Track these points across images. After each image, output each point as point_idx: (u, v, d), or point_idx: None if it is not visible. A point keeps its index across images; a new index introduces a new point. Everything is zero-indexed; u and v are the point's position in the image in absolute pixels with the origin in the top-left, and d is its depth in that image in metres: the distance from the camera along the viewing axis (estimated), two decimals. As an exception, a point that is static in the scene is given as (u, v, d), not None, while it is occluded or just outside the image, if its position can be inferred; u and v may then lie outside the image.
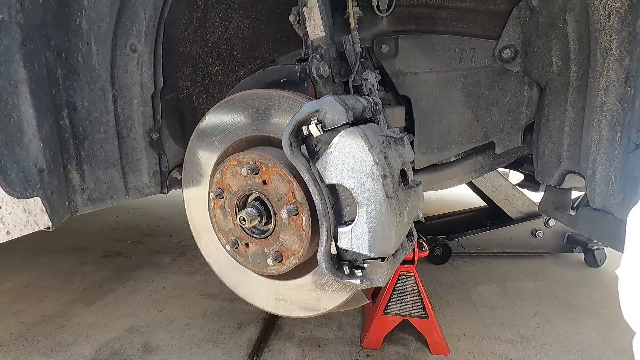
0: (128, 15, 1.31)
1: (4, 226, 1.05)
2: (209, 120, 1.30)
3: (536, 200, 2.61)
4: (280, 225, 1.13)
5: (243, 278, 1.37)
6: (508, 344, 2.16)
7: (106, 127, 1.35)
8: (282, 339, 2.20)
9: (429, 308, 2.05)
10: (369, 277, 1.05)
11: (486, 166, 1.82)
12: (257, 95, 1.20)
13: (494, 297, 2.69)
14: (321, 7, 1.28)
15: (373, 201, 0.97)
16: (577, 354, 2.09)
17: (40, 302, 2.59)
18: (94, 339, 2.19)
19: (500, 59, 1.53)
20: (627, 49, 1.11)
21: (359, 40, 1.34)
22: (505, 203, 3.27)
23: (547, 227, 3.18)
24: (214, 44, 1.66)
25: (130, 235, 3.88)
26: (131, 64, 1.37)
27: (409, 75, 1.64)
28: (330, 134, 1.01)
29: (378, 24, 1.58)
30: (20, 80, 1.05)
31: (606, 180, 1.21)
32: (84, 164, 1.31)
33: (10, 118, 1.04)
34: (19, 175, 1.07)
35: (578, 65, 1.32)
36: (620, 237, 1.16)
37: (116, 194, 1.43)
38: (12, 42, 1.02)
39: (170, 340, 2.19)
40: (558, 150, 1.45)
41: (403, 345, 2.14)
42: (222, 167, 1.19)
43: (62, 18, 1.16)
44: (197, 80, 1.68)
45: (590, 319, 2.43)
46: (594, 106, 1.23)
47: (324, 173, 1.02)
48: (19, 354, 2.07)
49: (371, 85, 1.36)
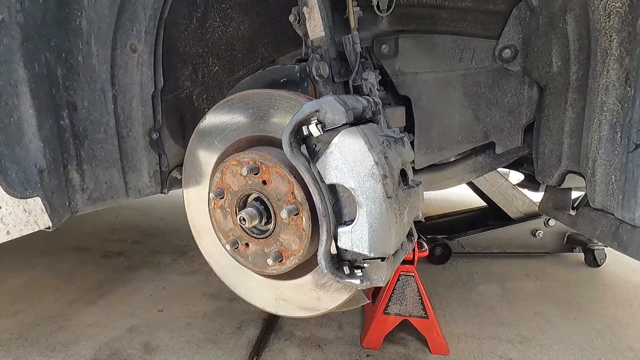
0: (128, 15, 1.31)
1: (4, 226, 1.05)
2: (209, 120, 1.30)
3: (536, 200, 2.61)
4: (280, 225, 1.13)
5: (243, 278, 1.37)
6: (508, 344, 2.16)
7: (106, 127, 1.35)
8: (282, 339, 2.20)
9: (429, 308, 2.05)
10: (369, 277, 1.05)
11: (486, 166, 1.82)
12: (257, 95, 1.19)
13: (494, 297, 2.69)
14: (321, 7, 1.28)
15: (373, 201, 0.97)
16: (577, 354, 2.09)
17: (40, 302, 2.59)
18: (94, 339, 2.19)
19: (500, 59, 1.53)
20: (627, 49, 1.11)
21: (359, 40, 1.34)
22: (505, 203, 3.28)
23: (547, 227, 3.18)
24: (214, 44, 1.66)
25: (130, 235, 3.88)
26: (131, 63, 1.37)
27: (409, 75, 1.64)
28: (330, 134, 1.01)
29: (378, 24, 1.58)
30: (20, 80, 1.05)
31: (606, 180, 1.21)
32: (84, 163, 1.31)
33: (10, 118, 1.04)
34: (19, 175, 1.07)
35: (578, 65, 1.32)
36: (620, 237, 1.16)
37: (116, 194, 1.43)
38: (12, 42, 1.02)
39: (170, 340, 2.19)
40: (558, 150, 1.45)
41: (403, 345, 2.14)
42: (222, 167, 1.19)
43: (62, 18, 1.16)
44: (197, 80, 1.68)
45: (590, 319, 2.43)
46: (594, 106, 1.23)
47: (324, 173, 1.02)
48: (19, 354, 2.07)
49: (371, 85, 1.36)
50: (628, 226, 1.13)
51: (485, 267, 3.14)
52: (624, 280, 2.95)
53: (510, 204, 3.27)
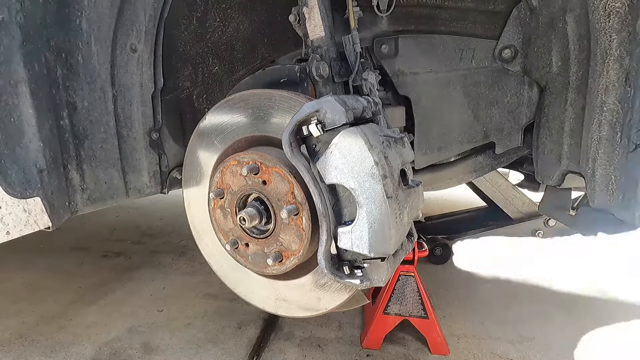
0: (128, 15, 1.31)
1: (4, 226, 1.05)
2: (209, 120, 1.30)
3: (536, 200, 2.61)
4: (280, 225, 1.13)
5: (243, 278, 1.37)
6: (508, 344, 2.16)
7: (106, 127, 1.35)
8: (282, 339, 2.20)
9: (429, 308, 2.05)
10: (369, 277, 1.05)
11: (486, 166, 1.82)
12: (257, 95, 1.19)
13: (494, 297, 2.69)
14: (321, 7, 1.28)
15: (373, 201, 0.97)
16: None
17: (40, 302, 2.59)
18: (94, 339, 2.19)
19: (500, 59, 1.53)
20: (627, 49, 1.11)
21: (359, 40, 1.34)
22: (505, 203, 3.27)
23: (547, 227, 3.18)
24: (214, 44, 1.66)
25: (130, 235, 3.88)
26: (131, 64, 1.37)
27: (409, 75, 1.64)
28: (330, 134, 1.01)
29: (378, 24, 1.58)
30: (20, 80, 1.05)
31: (606, 180, 1.21)
32: (84, 164, 1.31)
33: (10, 118, 1.04)
34: (19, 175, 1.07)
35: (578, 65, 1.32)
36: (620, 237, 1.16)
37: (116, 194, 1.43)
38: (12, 42, 1.02)
39: (170, 340, 2.19)
40: (558, 150, 1.45)
41: (403, 345, 2.14)
42: (222, 167, 1.19)
43: (62, 18, 1.16)
44: (197, 80, 1.68)
45: (590, 319, 2.43)
46: (594, 106, 1.23)
47: (324, 173, 1.02)
48: (19, 354, 2.07)
49: (371, 85, 1.36)
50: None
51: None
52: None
53: (510, 204, 3.27)
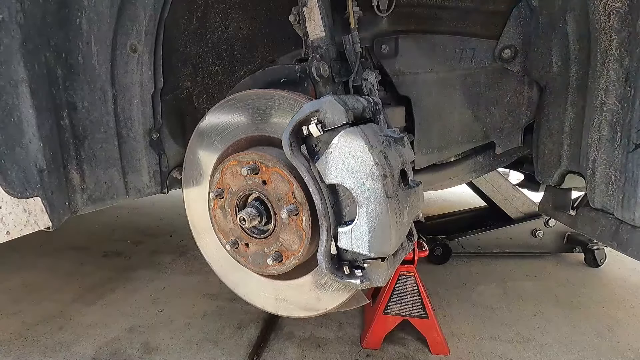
0: (128, 15, 1.31)
1: (4, 226, 1.05)
2: (209, 120, 1.30)
3: (536, 200, 2.61)
4: (280, 225, 1.13)
5: (243, 278, 1.37)
6: (508, 344, 2.16)
7: (106, 127, 1.35)
8: (282, 339, 2.20)
9: (429, 308, 2.05)
10: (369, 277, 1.05)
11: (486, 166, 1.82)
12: (257, 95, 1.20)
13: (494, 297, 2.69)
14: (321, 7, 1.28)
15: (373, 201, 0.97)
16: (577, 354, 2.09)
17: (40, 302, 2.59)
18: (94, 339, 2.19)
19: (500, 59, 1.53)
20: (627, 49, 1.11)
21: (359, 40, 1.34)
22: (505, 203, 3.27)
23: (547, 227, 3.18)
24: (214, 44, 1.66)
25: (130, 235, 3.88)
26: (131, 64, 1.37)
27: (409, 75, 1.64)
28: (330, 134, 1.01)
29: (378, 24, 1.58)
30: (20, 80, 1.05)
31: (606, 180, 1.21)
32: (84, 163, 1.31)
33: (10, 118, 1.04)
34: (19, 175, 1.07)
35: (578, 65, 1.32)
36: (620, 237, 1.16)
37: (116, 194, 1.43)
38: (12, 42, 1.02)
39: (170, 340, 2.19)
40: (558, 150, 1.45)
41: (403, 345, 2.14)
42: (222, 167, 1.19)
43: (62, 18, 1.16)
44: (197, 80, 1.68)
45: (590, 319, 2.43)
46: (594, 106, 1.23)
47: (324, 173, 1.02)
48: (19, 354, 2.07)
49: (371, 85, 1.36)
50: (628, 226, 1.13)
51: (485, 267, 3.14)
52: (624, 280, 2.95)
53: (510, 204, 3.27)
